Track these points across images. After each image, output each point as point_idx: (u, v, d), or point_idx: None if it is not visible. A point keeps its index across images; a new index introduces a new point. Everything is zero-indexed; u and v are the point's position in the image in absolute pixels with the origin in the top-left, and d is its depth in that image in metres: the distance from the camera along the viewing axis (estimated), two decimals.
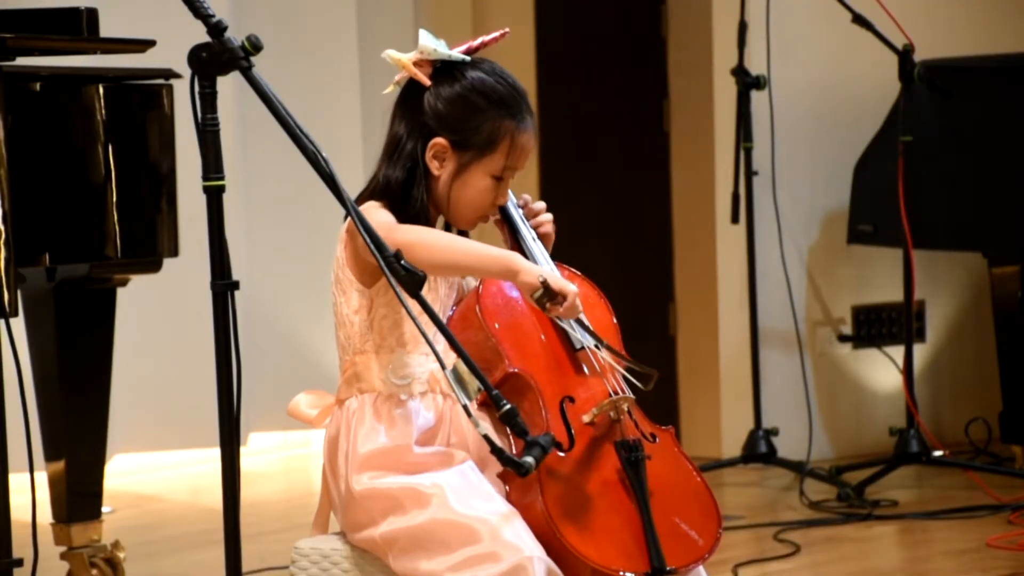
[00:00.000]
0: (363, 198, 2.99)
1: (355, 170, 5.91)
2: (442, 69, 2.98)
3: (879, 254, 6.35)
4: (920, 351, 6.47)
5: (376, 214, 2.92)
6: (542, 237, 3.10)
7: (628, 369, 3.02)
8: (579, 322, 3.01)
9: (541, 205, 3.13)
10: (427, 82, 2.97)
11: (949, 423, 6.46)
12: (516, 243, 3.08)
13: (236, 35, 2.71)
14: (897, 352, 6.14)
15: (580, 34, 7.04)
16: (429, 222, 2.99)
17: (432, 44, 2.96)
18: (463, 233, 3.07)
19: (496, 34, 3.04)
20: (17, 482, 3.26)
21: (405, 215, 2.95)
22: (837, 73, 6.43)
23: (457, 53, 2.98)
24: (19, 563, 3.19)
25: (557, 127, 6.75)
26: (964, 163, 5.99)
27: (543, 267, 3.00)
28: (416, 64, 2.97)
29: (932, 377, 6.63)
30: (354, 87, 6.81)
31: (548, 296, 2.87)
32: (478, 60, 3.00)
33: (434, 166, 2.98)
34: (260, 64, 2.72)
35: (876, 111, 6.20)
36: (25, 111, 4.00)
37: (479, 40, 3.01)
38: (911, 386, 5.84)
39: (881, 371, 6.53)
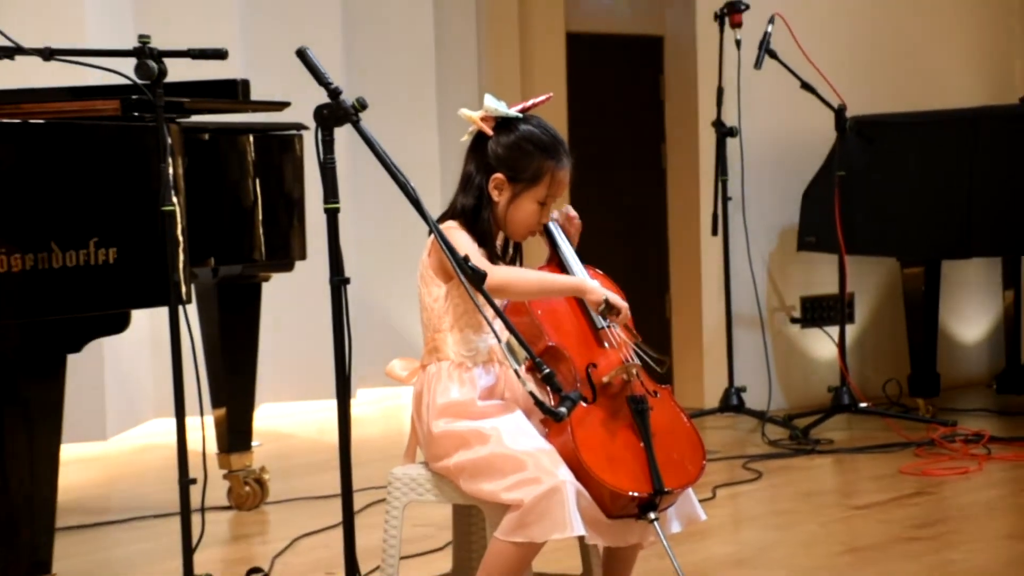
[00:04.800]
0: (444, 218, 2.98)
1: (434, 197, 5.92)
2: (502, 123, 2.96)
3: (821, 258, 6.33)
4: (850, 330, 6.45)
5: (458, 236, 2.89)
6: (572, 230, 3.09)
7: (650, 357, 3.01)
8: (628, 329, 3.00)
9: (574, 213, 3.14)
10: (490, 132, 2.95)
11: (871, 382, 6.42)
12: (555, 253, 3.07)
13: (348, 96, 2.70)
14: (834, 331, 6.11)
15: (600, 96, 7.03)
16: (493, 237, 2.96)
17: (495, 104, 2.95)
18: (517, 246, 3.05)
19: (542, 98, 3.03)
20: (192, 423, 3.27)
21: (476, 231, 2.93)
22: (790, 125, 6.41)
23: (513, 111, 2.96)
24: (194, 481, 3.20)
25: (583, 163, 6.71)
26: (883, 191, 5.96)
27: (581, 271, 3.02)
28: (483, 119, 2.96)
29: (859, 349, 6.60)
30: (433, 135, 6.83)
31: (608, 309, 2.91)
32: (529, 116, 2.98)
33: (495, 195, 2.96)
34: (365, 118, 2.71)
35: (819, 152, 6.17)
36: (197, 154, 4.02)
37: (530, 102, 3.00)
38: (844, 355, 5.83)
39: (822, 345, 6.50)
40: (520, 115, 2.96)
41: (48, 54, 3.21)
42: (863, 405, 5.79)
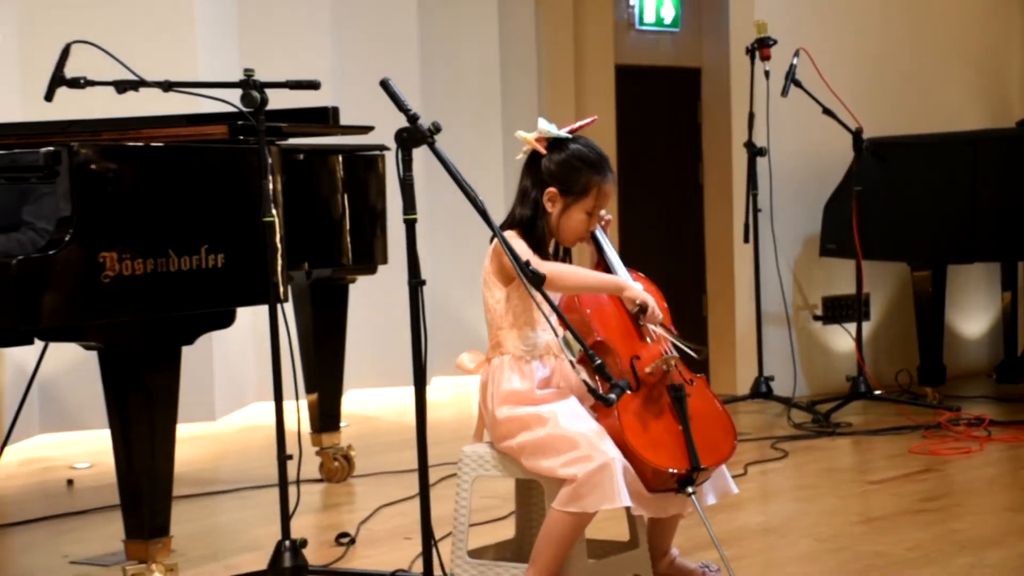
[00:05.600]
0: (505, 226, 2.96)
1: (499, 208, 5.91)
2: (554, 143, 2.94)
3: (840, 263, 6.27)
4: (866, 326, 6.38)
5: (516, 244, 2.86)
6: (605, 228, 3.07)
7: (688, 347, 2.99)
8: (664, 327, 2.97)
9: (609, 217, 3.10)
10: (544, 151, 2.94)
11: (885, 373, 6.35)
12: (601, 257, 3.06)
13: (425, 121, 2.70)
14: (852, 327, 6.05)
15: (645, 120, 7.01)
16: (547, 244, 2.95)
17: (547, 127, 2.93)
18: (567, 251, 3.02)
19: (588, 120, 3.01)
20: (289, 406, 3.29)
21: (533, 238, 2.92)
22: (813, 145, 6.35)
23: (563, 132, 2.95)
24: (291, 457, 3.22)
25: (630, 180, 6.72)
26: (896, 204, 5.90)
27: (624, 273, 2.99)
28: (537, 140, 2.94)
29: (874, 343, 6.53)
30: (499, 154, 6.82)
31: (642, 311, 2.91)
32: (577, 136, 2.96)
33: (548, 206, 2.94)
34: (439, 140, 2.71)
35: (838, 170, 6.12)
36: (293, 172, 4.04)
37: (578, 124, 2.98)
38: (860, 348, 5.77)
39: (841, 339, 6.43)
40: (569, 136, 2.95)
41: (167, 86, 3.24)
42: (877, 392, 5.74)
